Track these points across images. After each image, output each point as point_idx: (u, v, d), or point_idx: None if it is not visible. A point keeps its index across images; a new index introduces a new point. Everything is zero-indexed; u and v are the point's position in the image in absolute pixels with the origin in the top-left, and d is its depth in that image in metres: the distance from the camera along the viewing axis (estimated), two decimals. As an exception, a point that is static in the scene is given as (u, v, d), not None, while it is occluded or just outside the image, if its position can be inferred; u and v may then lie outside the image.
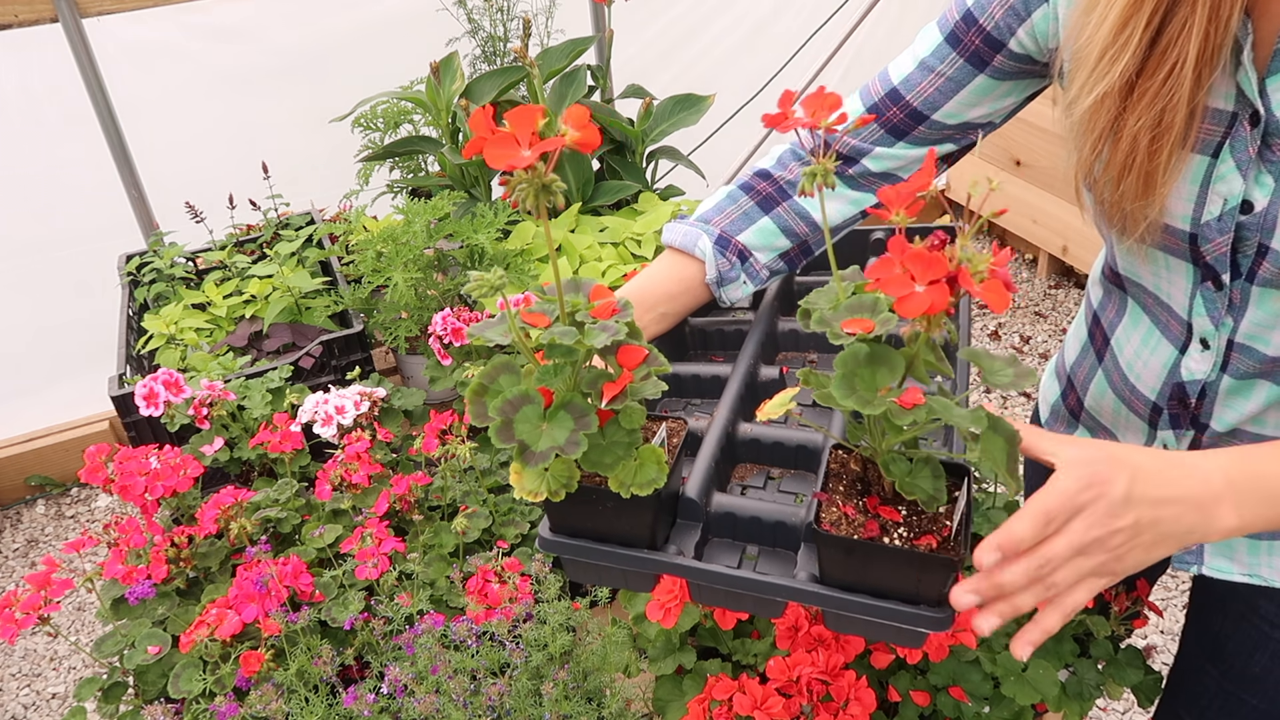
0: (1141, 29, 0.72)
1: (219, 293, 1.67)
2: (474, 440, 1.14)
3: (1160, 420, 0.94)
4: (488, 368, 0.71)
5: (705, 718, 0.91)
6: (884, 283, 0.61)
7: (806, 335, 1.05)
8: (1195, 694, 1.08)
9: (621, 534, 0.77)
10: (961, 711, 0.94)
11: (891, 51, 0.78)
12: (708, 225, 1.02)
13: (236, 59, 2.48)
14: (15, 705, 2.31)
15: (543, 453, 0.67)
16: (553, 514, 0.79)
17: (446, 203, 1.54)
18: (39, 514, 2.83)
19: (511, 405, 0.68)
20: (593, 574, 0.82)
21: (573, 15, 2.14)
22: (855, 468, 0.74)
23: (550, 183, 0.61)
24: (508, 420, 0.67)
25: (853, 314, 0.66)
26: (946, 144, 0.97)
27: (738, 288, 1.03)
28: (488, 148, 0.59)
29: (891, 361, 0.65)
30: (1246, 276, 0.80)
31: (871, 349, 0.66)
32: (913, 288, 0.60)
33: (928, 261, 0.60)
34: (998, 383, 0.66)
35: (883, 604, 0.70)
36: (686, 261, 1.01)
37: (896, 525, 0.70)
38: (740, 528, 0.81)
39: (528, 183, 0.61)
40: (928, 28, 0.94)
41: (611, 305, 0.70)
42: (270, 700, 0.91)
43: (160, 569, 1.08)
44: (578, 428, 0.67)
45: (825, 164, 0.67)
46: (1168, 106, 0.74)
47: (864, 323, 0.64)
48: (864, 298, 0.67)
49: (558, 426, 0.67)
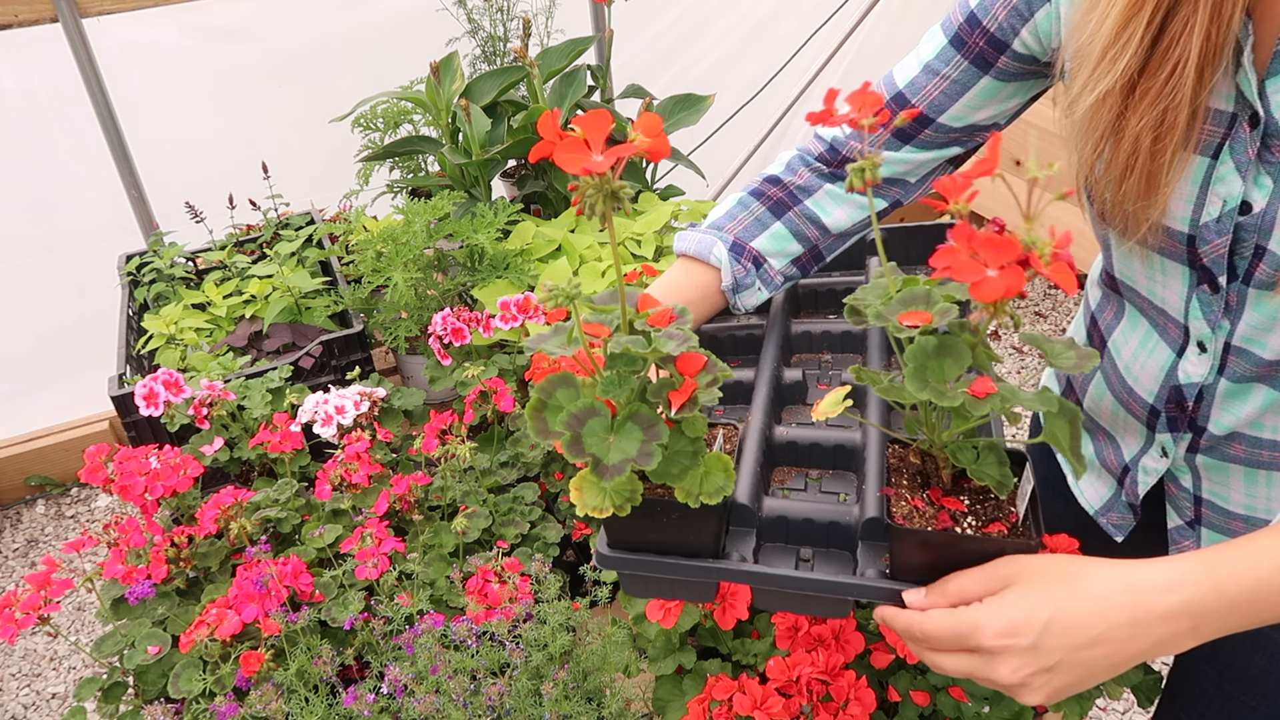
0: (1143, 27, 0.72)
1: (219, 293, 1.67)
2: (474, 440, 1.14)
3: (1158, 423, 0.94)
4: (544, 382, 0.69)
5: (705, 718, 0.91)
6: (954, 270, 0.61)
7: (819, 335, 1.05)
8: (1194, 696, 1.08)
9: (685, 544, 0.76)
10: (961, 711, 0.94)
11: (891, 51, 0.78)
12: (721, 232, 1.02)
13: (236, 59, 2.48)
14: (15, 705, 2.31)
15: (616, 465, 0.65)
16: (611, 529, 0.77)
17: (446, 203, 1.54)
18: (39, 514, 2.83)
19: (577, 419, 0.66)
20: (652, 587, 0.80)
21: (573, 15, 2.14)
22: (915, 460, 0.74)
23: (619, 189, 0.60)
24: (576, 435, 0.66)
25: (907, 307, 0.66)
26: (953, 147, 0.97)
27: (753, 294, 1.03)
28: (559, 152, 0.59)
29: (958, 352, 0.65)
30: (1243, 279, 0.80)
31: (940, 341, 0.65)
32: (985, 273, 0.60)
33: (1000, 245, 0.60)
34: (1061, 365, 0.66)
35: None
36: (701, 269, 1.01)
37: (964, 515, 0.70)
38: (794, 530, 0.80)
39: (596, 188, 0.60)
40: (931, 30, 0.94)
41: (668, 313, 0.69)
42: (270, 700, 0.91)
43: (160, 569, 1.08)
44: (647, 438, 0.66)
45: (872, 158, 0.67)
46: (1170, 106, 0.74)
47: (922, 315, 0.64)
48: (915, 290, 0.67)
49: (626, 438, 0.66)
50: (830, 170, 1.02)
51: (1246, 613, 0.69)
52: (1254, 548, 0.70)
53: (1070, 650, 0.67)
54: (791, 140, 2.96)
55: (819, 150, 1.02)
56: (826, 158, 1.01)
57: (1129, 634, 0.67)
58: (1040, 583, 0.68)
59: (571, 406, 0.67)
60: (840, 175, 1.01)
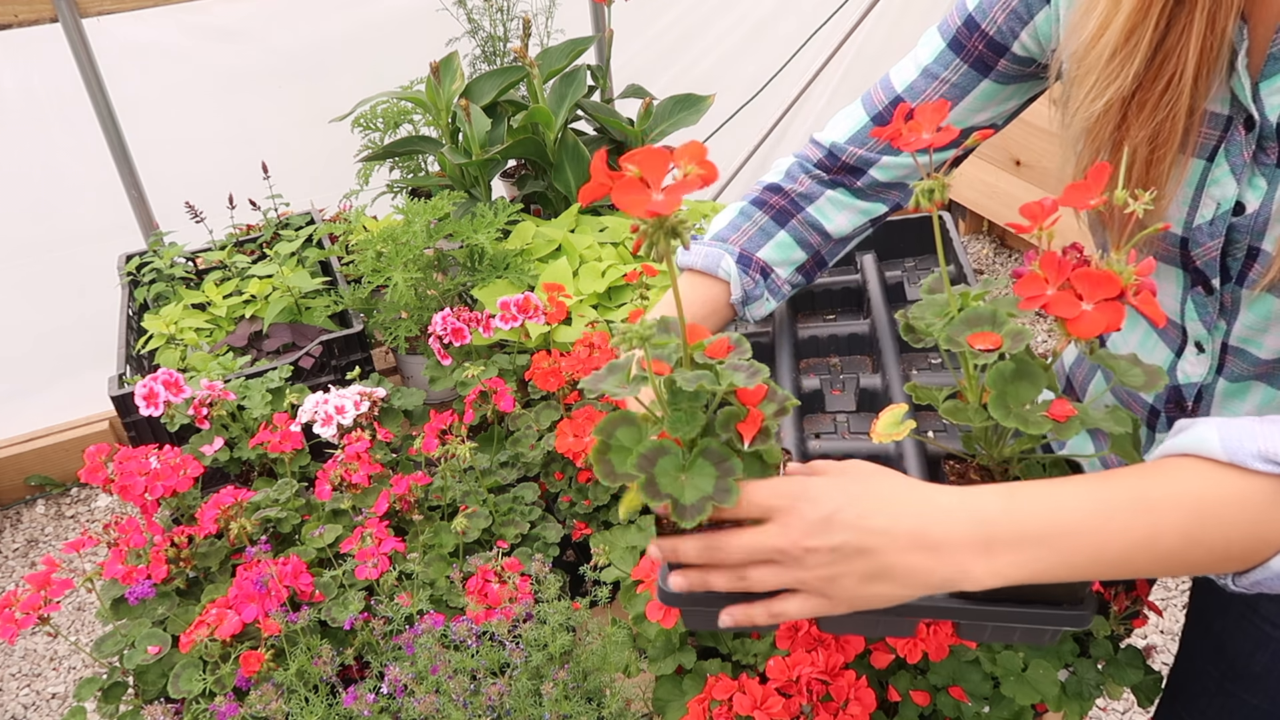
0: (1148, 36, 0.72)
1: (219, 293, 1.67)
2: (474, 440, 1.14)
3: (1158, 423, 0.94)
4: (604, 423, 0.67)
5: (705, 718, 0.91)
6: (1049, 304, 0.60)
7: (826, 339, 1.05)
8: (1195, 694, 1.08)
9: None
10: (961, 711, 0.94)
11: (891, 51, 0.78)
12: (726, 244, 1.01)
13: (236, 59, 2.48)
14: (15, 705, 2.31)
15: (695, 505, 0.64)
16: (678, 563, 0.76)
17: (446, 203, 1.54)
18: (39, 514, 2.83)
19: (648, 460, 0.65)
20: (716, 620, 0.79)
21: (573, 15, 2.14)
22: (975, 477, 0.74)
23: (678, 225, 0.59)
24: (650, 477, 0.64)
25: (971, 327, 0.66)
26: (951, 149, 0.97)
27: (761, 305, 1.02)
28: (617, 194, 0.57)
29: (1034, 375, 0.65)
30: (1236, 280, 0.80)
31: (1017, 366, 0.65)
32: (1080, 307, 0.60)
33: (1098, 280, 0.59)
34: (1131, 383, 0.66)
35: (1028, 610, 0.69)
36: (710, 283, 1.00)
37: None
38: None
39: (656, 227, 0.59)
40: (929, 32, 0.94)
41: (724, 342, 0.68)
42: (270, 700, 0.91)
43: (160, 569, 1.08)
44: (721, 474, 0.65)
45: (940, 179, 0.66)
46: (1168, 115, 0.74)
47: (992, 338, 0.64)
48: (980, 311, 0.67)
49: (699, 475, 0.65)
50: (830, 176, 1.02)
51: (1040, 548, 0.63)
52: (1060, 484, 0.66)
53: (858, 533, 0.64)
54: (791, 140, 2.96)
55: (817, 156, 1.02)
56: (826, 164, 1.01)
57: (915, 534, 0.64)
58: (835, 477, 0.68)
59: (639, 448, 0.65)
60: (840, 181, 1.01)
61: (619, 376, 0.67)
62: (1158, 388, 0.65)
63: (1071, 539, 0.63)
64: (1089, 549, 0.63)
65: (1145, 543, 0.62)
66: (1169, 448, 0.65)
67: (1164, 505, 0.62)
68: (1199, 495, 0.62)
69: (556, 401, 1.31)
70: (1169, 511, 0.62)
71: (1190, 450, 0.63)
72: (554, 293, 1.43)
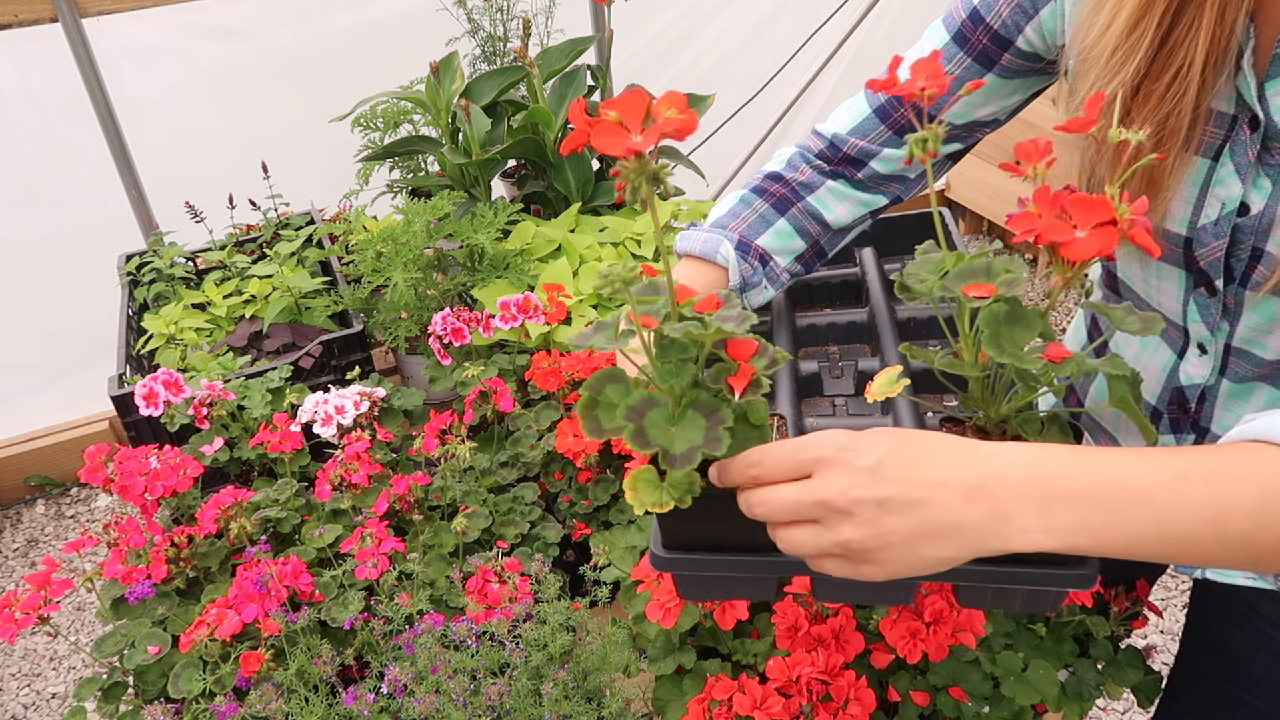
0: (1153, 29, 0.72)
1: (219, 293, 1.67)
2: (474, 440, 1.14)
3: (1160, 424, 0.94)
4: (592, 379, 0.67)
5: (705, 718, 0.91)
6: (1041, 232, 0.59)
7: (824, 328, 1.05)
8: (1196, 695, 1.08)
9: (743, 539, 0.72)
10: (961, 711, 0.94)
11: (891, 51, 0.78)
12: (725, 231, 1.01)
13: (236, 59, 2.47)
14: (15, 705, 2.31)
15: (684, 454, 0.63)
16: (667, 529, 0.75)
17: (446, 203, 1.54)
18: (39, 514, 2.83)
19: (636, 411, 0.65)
20: (711, 588, 0.78)
21: (573, 15, 2.14)
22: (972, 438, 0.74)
23: (660, 170, 0.58)
24: (639, 427, 0.64)
25: (966, 280, 0.65)
26: (952, 143, 0.97)
27: (759, 293, 1.02)
28: (596, 137, 0.57)
29: (1029, 320, 0.65)
30: (1240, 281, 0.80)
31: (1011, 308, 0.65)
32: (1074, 233, 0.59)
33: (1091, 205, 0.58)
34: (1128, 329, 0.66)
35: (1032, 570, 0.68)
36: (707, 269, 1.00)
37: None
38: None
39: (637, 171, 0.58)
40: (933, 26, 0.94)
41: (714, 299, 0.68)
42: (270, 700, 0.91)
43: (160, 569, 1.08)
44: (711, 424, 0.64)
45: (934, 129, 0.66)
46: (1174, 110, 0.74)
47: (986, 287, 0.64)
48: (974, 264, 0.67)
49: (689, 426, 0.64)
50: (831, 167, 1.02)
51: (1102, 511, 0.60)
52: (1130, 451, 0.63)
53: (909, 485, 0.60)
54: (792, 140, 2.95)
55: (819, 147, 1.02)
56: (827, 154, 1.01)
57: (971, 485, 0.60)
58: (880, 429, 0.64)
59: (627, 401, 0.65)
60: (841, 173, 1.01)
61: (608, 332, 0.67)
62: (1154, 331, 0.64)
63: (1138, 505, 0.59)
64: (1155, 519, 0.59)
65: (1215, 520, 0.59)
66: (1239, 433, 0.63)
67: (1238, 481, 0.59)
68: (1274, 478, 0.59)
69: (556, 401, 1.31)
70: (1242, 487, 0.59)
71: (1263, 436, 0.61)
72: (554, 293, 1.43)
